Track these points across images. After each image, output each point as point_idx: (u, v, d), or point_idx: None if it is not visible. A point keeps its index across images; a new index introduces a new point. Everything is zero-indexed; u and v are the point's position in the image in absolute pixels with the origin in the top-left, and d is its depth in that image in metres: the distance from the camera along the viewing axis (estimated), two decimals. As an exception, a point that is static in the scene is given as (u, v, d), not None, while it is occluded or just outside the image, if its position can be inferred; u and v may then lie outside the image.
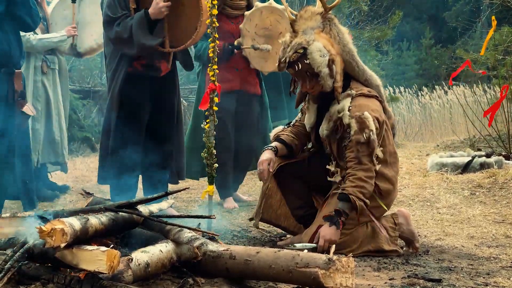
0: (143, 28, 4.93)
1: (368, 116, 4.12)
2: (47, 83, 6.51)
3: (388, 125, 4.34)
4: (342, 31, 4.35)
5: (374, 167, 4.14)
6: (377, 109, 4.22)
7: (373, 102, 4.26)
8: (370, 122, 4.11)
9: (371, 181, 4.12)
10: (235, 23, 6.02)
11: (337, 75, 4.20)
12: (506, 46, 9.32)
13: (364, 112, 4.14)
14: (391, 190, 4.29)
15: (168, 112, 5.37)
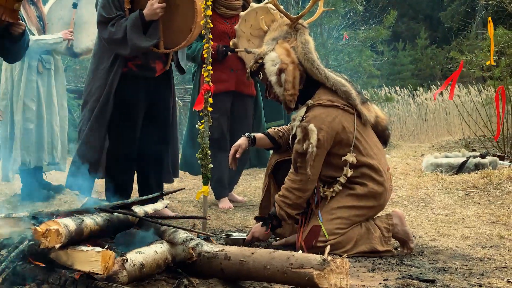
0: (138, 29, 4.93)
1: (313, 129, 4.14)
2: (40, 83, 6.50)
3: (361, 130, 4.30)
4: (307, 40, 4.38)
5: (309, 178, 4.15)
6: (330, 121, 4.20)
7: (330, 112, 4.23)
8: (312, 135, 4.13)
9: (297, 192, 4.20)
10: (230, 23, 6.03)
11: (286, 83, 4.25)
12: (501, 47, 9.34)
13: (310, 124, 4.15)
14: (382, 191, 4.30)
15: (163, 112, 5.37)
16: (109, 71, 5.13)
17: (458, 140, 10.66)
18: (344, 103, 4.28)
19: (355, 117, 4.29)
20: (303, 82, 4.32)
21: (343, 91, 4.29)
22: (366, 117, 4.34)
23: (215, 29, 5.79)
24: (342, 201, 4.25)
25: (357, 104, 4.31)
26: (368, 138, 4.34)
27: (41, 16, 6.63)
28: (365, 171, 4.25)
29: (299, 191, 4.21)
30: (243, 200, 6.38)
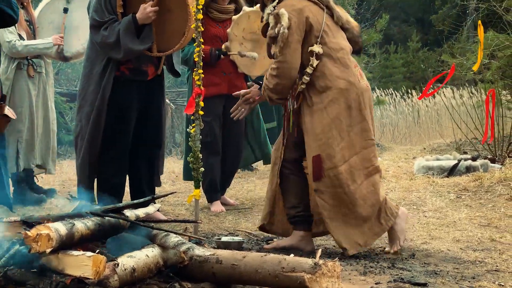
0: (131, 33, 4.93)
1: (284, 13, 4.22)
2: (31, 87, 6.48)
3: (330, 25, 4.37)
4: None
5: (285, 63, 4.22)
6: (301, 8, 4.28)
7: (300, 2, 4.32)
8: (284, 18, 4.20)
9: (276, 79, 4.27)
10: (223, 27, 6.03)
11: None
12: (491, 50, 9.37)
13: (281, 9, 4.24)
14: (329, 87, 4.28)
15: (155, 115, 5.37)
16: (102, 74, 5.12)
17: (449, 143, 10.69)
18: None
19: (324, 13, 4.36)
20: None
21: None
22: (338, 13, 4.41)
23: (207, 32, 5.79)
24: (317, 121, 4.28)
25: (329, 1, 4.41)
26: (336, 35, 4.38)
27: (31, 20, 6.62)
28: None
29: (277, 77, 4.27)
30: (235, 204, 6.38)
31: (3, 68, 6.34)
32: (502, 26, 10.57)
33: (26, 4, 6.62)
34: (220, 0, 6.00)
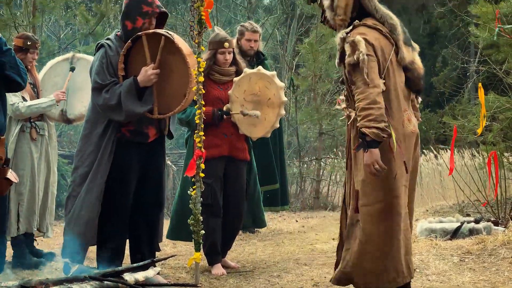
0: (132, 95, 4.97)
1: (360, 40, 4.20)
2: (34, 149, 6.49)
3: (394, 62, 4.35)
4: None
5: (372, 87, 4.14)
6: (374, 37, 4.29)
7: (373, 32, 4.32)
8: (361, 44, 4.18)
9: (374, 105, 4.11)
10: (224, 89, 6.07)
11: (338, 8, 4.39)
12: (493, 112, 9.40)
13: (356, 36, 4.23)
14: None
15: (155, 178, 5.36)
16: (102, 136, 5.14)
17: (452, 205, 10.63)
18: (388, 32, 4.37)
19: (393, 48, 4.36)
20: (356, 11, 4.41)
21: (390, 23, 4.39)
22: (402, 54, 4.37)
23: (209, 94, 5.83)
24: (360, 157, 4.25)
25: (399, 40, 4.38)
26: (396, 74, 4.36)
27: (34, 83, 6.67)
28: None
29: (374, 103, 4.11)
30: (236, 266, 6.31)
31: (7, 131, 6.36)
32: (503, 88, 10.63)
33: (30, 67, 6.67)
34: (221, 62, 6.05)
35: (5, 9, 10.93)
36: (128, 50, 5.09)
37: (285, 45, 13.41)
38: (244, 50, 7.25)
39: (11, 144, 6.34)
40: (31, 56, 6.60)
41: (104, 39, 5.31)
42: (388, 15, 4.44)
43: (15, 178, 5.03)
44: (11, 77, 4.70)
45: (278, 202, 7.95)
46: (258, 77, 6.03)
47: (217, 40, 6.03)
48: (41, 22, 12.31)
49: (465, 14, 12.27)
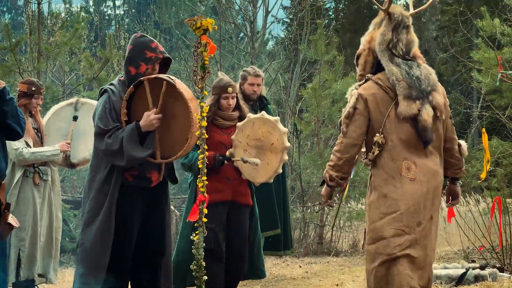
0: (134, 140, 4.96)
1: (354, 94, 4.71)
2: (37, 194, 6.48)
3: (392, 116, 4.69)
4: (383, 33, 4.83)
5: (345, 138, 4.70)
6: (372, 93, 4.71)
7: (373, 88, 4.73)
8: (352, 98, 4.70)
9: (338, 154, 4.71)
10: (227, 133, 6.08)
11: (359, 65, 4.89)
12: (496, 158, 9.39)
13: (355, 90, 4.73)
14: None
15: (158, 223, 5.33)
16: (105, 182, 5.11)
17: (457, 251, 10.54)
18: (389, 87, 4.70)
19: (393, 103, 4.68)
20: (374, 67, 4.83)
21: (392, 80, 4.71)
22: (400, 109, 4.65)
23: (212, 139, 5.83)
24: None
25: (400, 95, 4.67)
26: (397, 126, 4.69)
27: (38, 128, 6.69)
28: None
29: (339, 152, 4.69)
30: (239, 313, 6.24)
31: (9, 177, 6.36)
32: (506, 133, 10.64)
33: (34, 113, 6.71)
34: (225, 107, 6.07)
35: (10, 55, 11.03)
36: (131, 95, 5.11)
37: (288, 90, 13.47)
38: (247, 94, 7.27)
39: (14, 189, 6.33)
40: (35, 102, 6.64)
41: (107, 84, 5.33)
42: (391, 72, 4.71)
43: (16, 223, 5.00)
44: (12, 127, 4.73)
45: (280, 246, 7.89)
46: (262, 122, 6.03)
47: (220, 85, 6.06)
48: (46, 67, 12.40)
49: (467, 60, 12.33)
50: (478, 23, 10.90)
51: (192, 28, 4.73)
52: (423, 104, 4.69)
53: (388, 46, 4.79)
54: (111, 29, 34.29)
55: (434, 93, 4.75)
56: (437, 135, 4.76)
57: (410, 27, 4.89)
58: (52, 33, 12.96)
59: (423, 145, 4.70)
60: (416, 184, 4.63)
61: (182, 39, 15.24)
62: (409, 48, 4.85)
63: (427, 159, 4.71)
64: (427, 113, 4.69)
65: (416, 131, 4.67)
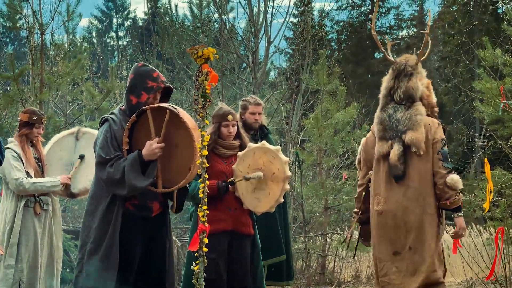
0: (136, 169, 4.94)
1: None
2: (37, 224, 6.45)
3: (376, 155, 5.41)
4: (387, 80, 5.51)
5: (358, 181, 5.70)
6: (367, 139, 5.62)
7: (370, 135, 5.61)
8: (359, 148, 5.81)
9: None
10: (228, 163, 6.06)
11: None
12: (499, 188, 9.36)
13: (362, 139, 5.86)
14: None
15: (159, 253, 5.28)
16: (107, 211, 5.07)
17: (460, 282, 10.47)
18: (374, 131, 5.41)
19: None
20: None
21: (374, 123, 5.42)
22: (376, 149, 5.37)
23: (213, 168, 5.81)
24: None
25: (376, 137, 5.36)
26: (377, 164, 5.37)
27: (39, 157, 6.68)
28: None
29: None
30: None
31: (10, 206, 6.34)
32: (509, 164, 10.62)
33: (36, 142, 6.70)
34: (225, 136, 6.06)
35: (12, 85, 11.06)
36: (133, 124, 5.09)
37: (290, 119, 13.47)
38: (249, 123, 7.25)
39: (17, 220, 6.31)
40: (36, 131, 6.63)
41: (108, 114, 5.31)
42: (376, 117, 5.38)
43: (1, 250, 4.97)
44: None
45: (283, 276, 7.82)
46: (263, 152, 6.02)
47: (220, 114, 6.06)
48: (48, 97, 12.44)
49: (469, 90, 12.35)
50: (480, 53, 10.94)
51: (193, 57, 4.73)
52: (394, 144, 5.19)
53: (390, 93, 5.26)
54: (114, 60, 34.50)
55: (410, 132, 5.13)
56: (417, 170, 5.17)
57: (413, 75, 5.25)
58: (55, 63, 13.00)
59: (394, 180, 5.20)
60: (382, 217, 5.28)
61: (184, 69, 15.28)
62: (408, 95, 5.22)
63: (399, 194, 5.19)
64: (394, 151, 5.18)
65: (389, 168, 5.22)
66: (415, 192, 5.13)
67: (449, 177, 5.21)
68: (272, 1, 13.78)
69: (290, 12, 14.41)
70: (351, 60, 38.14)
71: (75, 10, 11.93)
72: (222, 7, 14.39)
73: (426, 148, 5.18)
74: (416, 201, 5.14)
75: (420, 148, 5.14)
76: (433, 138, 5.17)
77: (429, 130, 5.18)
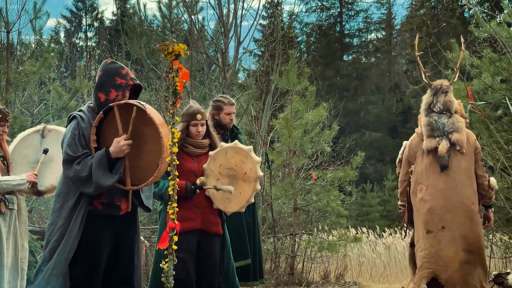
0: (103, 167, 4.87)
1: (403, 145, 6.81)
2: (2, 223, 6.34)
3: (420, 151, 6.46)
4: (426, 97, 6.58)
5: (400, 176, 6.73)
6: (411, 140, 6.66)
7: (414, 137, 6.69)
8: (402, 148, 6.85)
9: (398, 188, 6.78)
10: (197, 161, 6.02)
11: (419, 120, 6.73)
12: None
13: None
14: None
15: (127, 252, 5.22)
16: (73, 209, 5.00)
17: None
18: (421, 132, 6.48)
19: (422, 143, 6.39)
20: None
21: (422, 126, 6.46)
22: (424, 145, 6.36)
23: (182, 167, 5.76)
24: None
25: (424, 135, 6.39)
26: (420, 160, 6.40)
27: (5, 155, 6.58)
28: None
29: (399, 184, 6.66)
30: None
31: None
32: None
33: (1, 140, 6.60)
34: (194, 134, 6.02)
35: (-23, 84, 10.91)
36: (101, 122, 5.03)
37: (259, 120, 13.45)
38: (224, 124, 7.20)
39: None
40: (1, 129, 6.54)
41: (76, 111, 5.23)
42: (423, 121, 6.45)
43: None
44: None
45: (250, 277, 7.80)
46: (235, 152, 5.99)
47: (189, 112, 6.02)
48: (14, 97, 12.28)
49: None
50: (448, 55, 11.03)
51: (164, 53, 4.69)
52: (441, 140, 6.25)
53: (430, 106, 6.43)
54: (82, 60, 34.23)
55: (455, 133, 6.26)
56: (458, 164, 6.24)
57: (448, 92, 6.44)
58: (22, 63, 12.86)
59: (440, 169, 6.21)
60: (422, 203, 6.30)
61: (153, 69, 15.20)
62: (446, 106, 6.39)
63: (441, 183, 6.23)
64: (443, 145, 6.23)
65: (436, 160, 6.23)
66: (453, 181, 6.23)
67: (491, 179, 6.42)
68: (242, 2, 13.75)
69: (260, 13, 14.40)
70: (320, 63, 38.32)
71: (42, 8, 11.82)
72: (191, 7, 14.34)
73: (466, 149, 6.31)
74: (455, 189, 6.23)
75: (463, 147, 6.27)
76: (475, 148, 6.37)
77: (469, 138, 6.37)
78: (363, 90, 39.61)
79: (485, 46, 11.08)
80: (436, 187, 6.24)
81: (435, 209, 6.24)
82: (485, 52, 10.79)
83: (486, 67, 10.56)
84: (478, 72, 10.79)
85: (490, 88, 10.57)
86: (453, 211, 6.22)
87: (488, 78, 10.45)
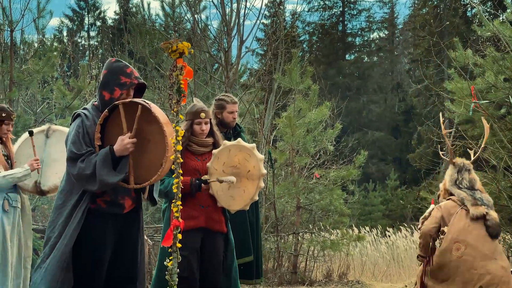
0: (107, 165, 4.87)
1: (433, 207, 6.86)
2: (6, 221, 6.35)
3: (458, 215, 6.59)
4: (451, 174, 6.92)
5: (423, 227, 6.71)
6: (443, 204, 6.74)
7: (447, 202, 6.81)
8: (430, 207, 6.94)
9: (420, 240, 6.74)
10: (201, 160, 6.03)
11: (440, 190, 7.04)
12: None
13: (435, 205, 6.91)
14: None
15: (130, 250, 5.23)
16: (75, 207, 5.00)
17: (431, 280, 10.51)
18: (458, 200, 6.61)
19: (460, 210, 6.54)
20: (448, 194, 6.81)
21: (461, 197, 6.61)
22: (471, 213, 6.47)
23: (186, 165, 5.77)
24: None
25: (468, 205, 6.52)
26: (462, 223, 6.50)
27: (9, 155, 6.59)
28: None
29: (420, 237, 6.71)
30: None
31: None
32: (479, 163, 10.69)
33: (5, 139, 6.62)
34: (198, 133, 6.03)
35: (-20, 83, 10.93)
36: (105, 120, 5.03)
37: (262, 119, 13.46)
38: (227, 122, 7.21)
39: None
40: (5, 128, 6.55)
41: (81, 109, 5.24)
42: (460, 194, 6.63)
43: None
44: None
45: (252, 275, 7.82)
46: (238, 149, 5.99)
47: (193, 111, 6.03)
48: (17, 96, 12.30)
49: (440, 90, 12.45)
50: (451, 53, 11.03)
51: (167, 51, 4.69)
52: (489, 210, 6.50)
53: (456, 183, 6.73)
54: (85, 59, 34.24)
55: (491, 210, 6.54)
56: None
57: (471, 170, 6.82)
58: (25, 62, 12.88)
59: (491, 238, 6.46)
60: (462, 264, 6.39)
61: (156, 68, 15.21)
62: (472, 184, 6.71)
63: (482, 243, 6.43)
64: (494, 214, 6.52)
65: (486, 228, 6.44)
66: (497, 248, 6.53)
67: None
68: (245, 1, 13.76)
69: (263, 13, 14.41)
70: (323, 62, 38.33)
71: (45, 7, 11.84)
72: (194, 6, 14.35)
73: None
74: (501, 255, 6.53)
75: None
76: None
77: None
78: (365, 89, 39.64)
79: (488, 45, 11.09)
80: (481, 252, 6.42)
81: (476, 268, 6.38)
82: (488, 51, 10.79)
83: (489, 66, 10.56)
84: (481, 71, 10.79)
85: (493, 87, 10.57)
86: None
87: (491, 77, 10.46)
